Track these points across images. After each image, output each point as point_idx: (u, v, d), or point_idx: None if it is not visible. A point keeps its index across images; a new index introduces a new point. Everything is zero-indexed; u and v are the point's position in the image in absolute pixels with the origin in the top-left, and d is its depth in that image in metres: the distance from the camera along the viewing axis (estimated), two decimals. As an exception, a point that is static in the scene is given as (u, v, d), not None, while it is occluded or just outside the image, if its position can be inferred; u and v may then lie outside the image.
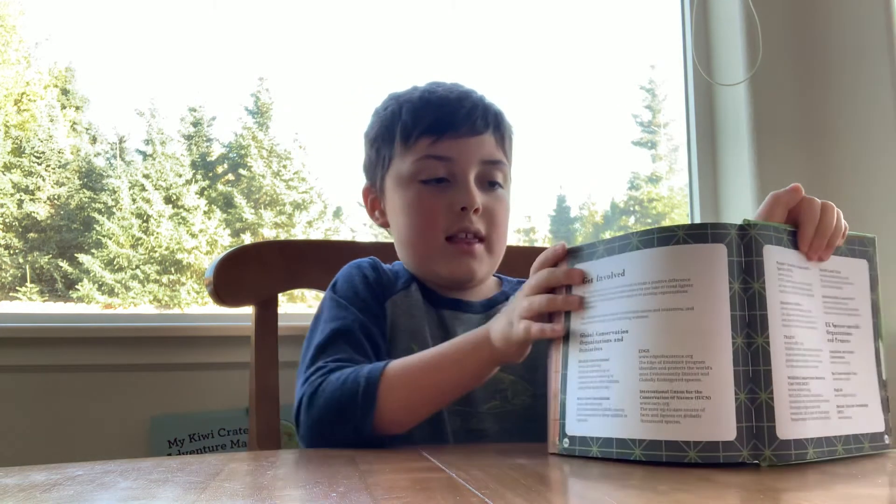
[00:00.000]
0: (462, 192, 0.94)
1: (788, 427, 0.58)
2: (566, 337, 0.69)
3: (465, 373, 0.79)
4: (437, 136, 0.95)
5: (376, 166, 1.03)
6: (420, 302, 0.98)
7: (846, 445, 0.64)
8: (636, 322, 0.62)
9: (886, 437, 0.68)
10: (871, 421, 0.66)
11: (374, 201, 1.06)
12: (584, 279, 0.69)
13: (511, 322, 0.74)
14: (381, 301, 0.96)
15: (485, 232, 0.96)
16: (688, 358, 0.59)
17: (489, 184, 0.98)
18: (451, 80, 1.03)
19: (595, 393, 0.64)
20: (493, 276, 1.07)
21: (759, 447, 0.58)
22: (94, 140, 2.10)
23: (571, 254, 0.72)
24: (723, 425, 0.58)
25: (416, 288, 0.99)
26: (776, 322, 0.60)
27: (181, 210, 2.10)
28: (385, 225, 1.04)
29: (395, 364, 0.81)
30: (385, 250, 1.11)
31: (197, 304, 2.07)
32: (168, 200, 2.09)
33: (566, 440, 0.66)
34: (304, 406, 0.81)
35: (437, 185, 0.95)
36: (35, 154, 2.00)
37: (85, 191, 2.04)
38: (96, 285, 1.98)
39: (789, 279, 0.62)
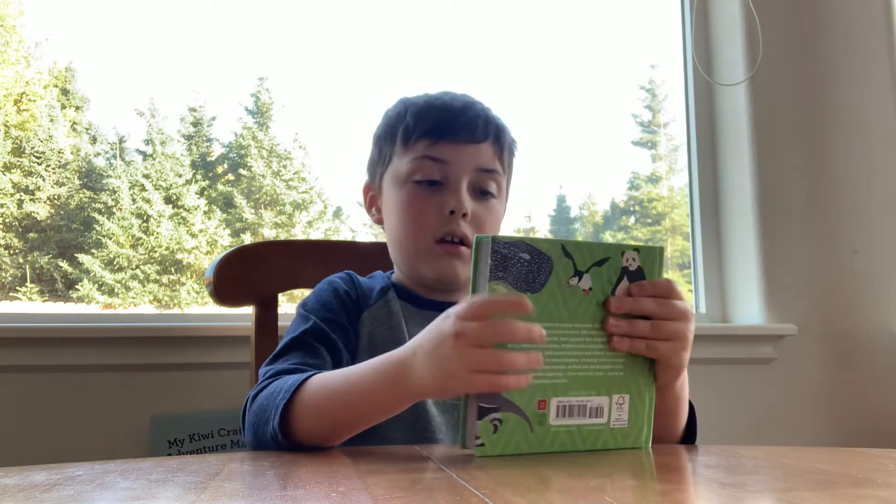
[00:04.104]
0: (452, 195, 0.97)
1: None
2: None
3: (373, 407, 0.75)
4: (436, 139, 0.98)
5: (377, 164, 1.06)
6: (398, 310, 0.99)
7: None
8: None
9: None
10: None
11: (372, 198, 1.09)
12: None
13: (447, 372, 0.66)
14: (355, 313, 0.98)
15: (471, 238, 0.97)
16: None
17: (481, 192, 1.00)
18: (461, 90, 1.06)
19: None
20: None
21: None
22: (94, 140, 2.09)
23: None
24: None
25: (395, 295, 1.01)
26: None
27: (181, 210, 2.10)
28: (380, 222, 1.07)
29: (314, 381, 0.78)
30: (385, 250, 1.11)
31: (197, 304, 2.07)
32: (168, 200, 2.09)
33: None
34: (248, 404, 0.83)
35: (430, 188, 0.98)
36: (35, 154, 1.99)
37: (85, 191, 2.03)
38: (96, 285, 1.98)
39: None
